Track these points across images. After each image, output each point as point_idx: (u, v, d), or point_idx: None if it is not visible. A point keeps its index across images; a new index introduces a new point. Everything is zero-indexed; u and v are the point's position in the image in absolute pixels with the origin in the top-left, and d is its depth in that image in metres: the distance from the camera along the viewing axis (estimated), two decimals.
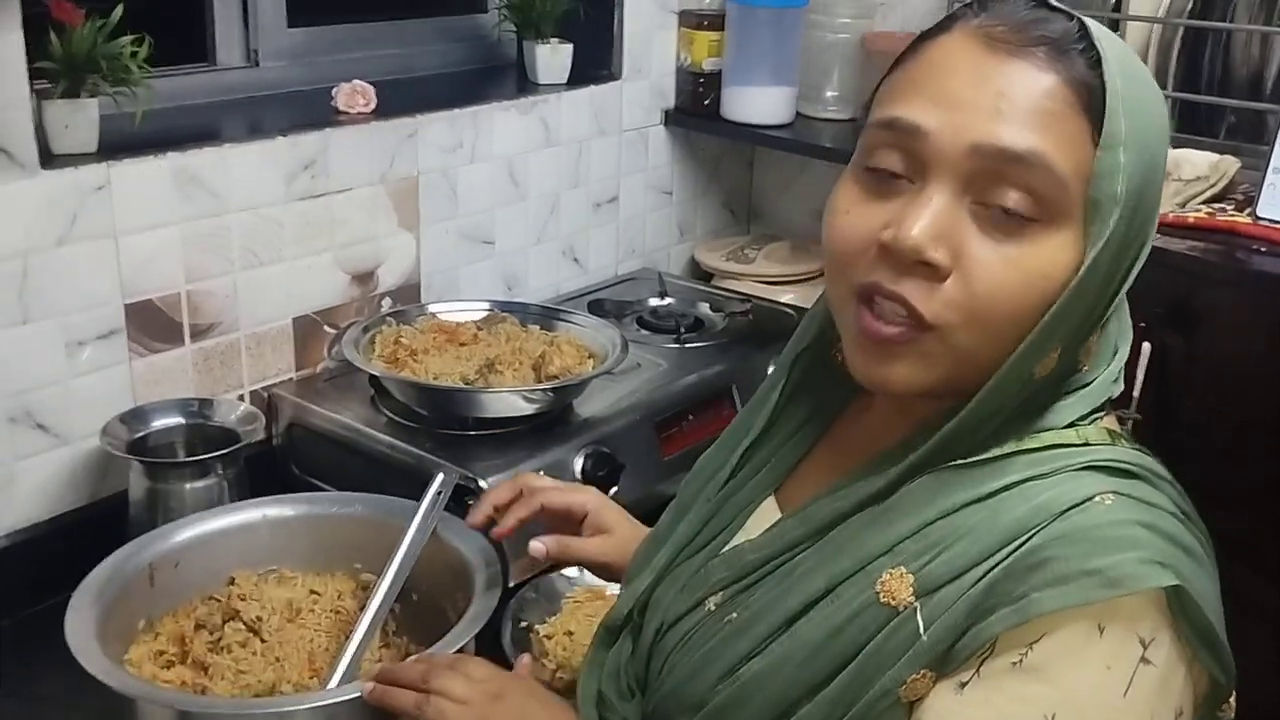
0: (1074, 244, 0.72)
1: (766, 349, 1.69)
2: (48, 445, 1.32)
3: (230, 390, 1.48)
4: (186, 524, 1.16)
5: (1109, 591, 0.68)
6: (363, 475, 1.38)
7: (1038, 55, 0.72)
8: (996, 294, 0.72)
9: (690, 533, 0.91)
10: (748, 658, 0.79)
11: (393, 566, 1.09)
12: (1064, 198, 0.71)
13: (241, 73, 1.67)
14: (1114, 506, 0.71)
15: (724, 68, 1.95)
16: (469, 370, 1.43)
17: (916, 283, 0.73)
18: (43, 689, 1.15)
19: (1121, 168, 0.71)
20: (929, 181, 0.73)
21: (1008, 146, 0.71)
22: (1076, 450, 0.76)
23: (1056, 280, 0.72)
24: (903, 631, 0.73)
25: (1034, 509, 0.72)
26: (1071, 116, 0.71)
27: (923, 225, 0.72)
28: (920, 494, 0.76)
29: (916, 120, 0.73)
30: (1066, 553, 0.69)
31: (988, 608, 0.70)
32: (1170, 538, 0.71)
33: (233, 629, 1.09)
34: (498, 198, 1.76)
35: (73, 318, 1.30)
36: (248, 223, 1.45)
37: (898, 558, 0.74)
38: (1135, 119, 0.72)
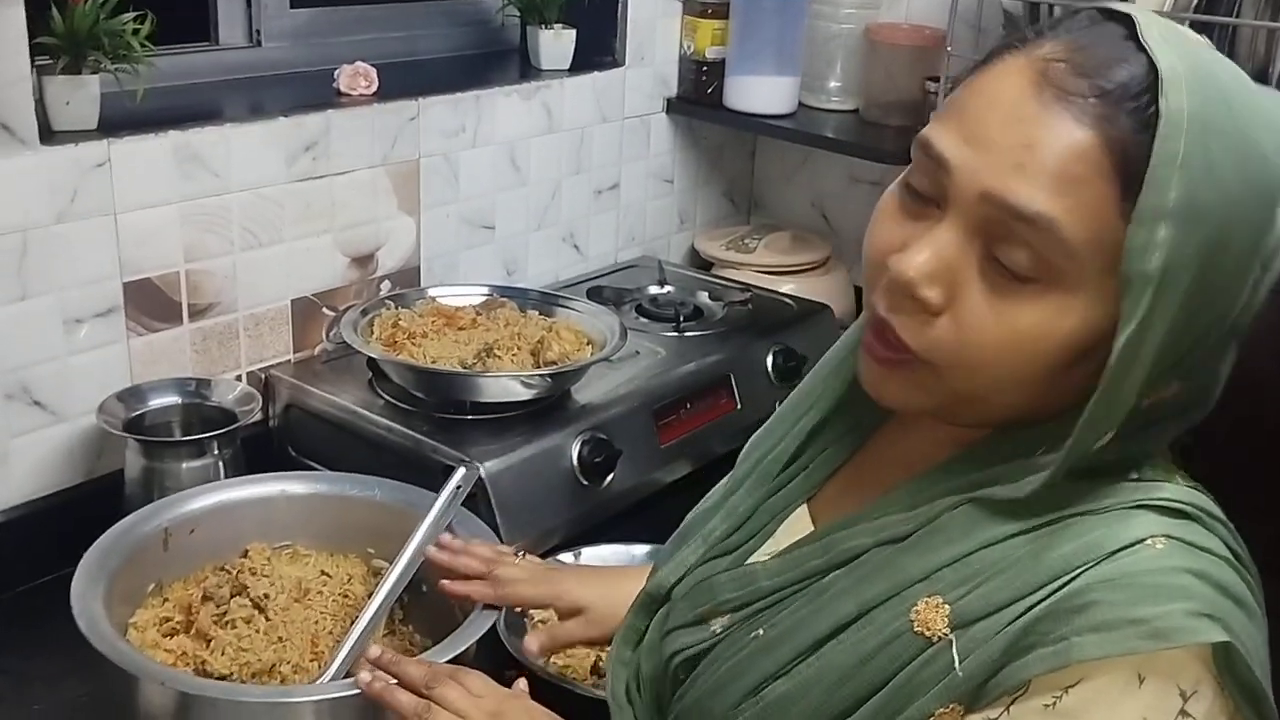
0: (1084, 310, 0.68)
1: (765, 338, 1.69)
2: (44, 422, 1.31)
3: (228, 371, 1.48)
4: (205, 491, 1.17)
5: (1154, 644, 0.65)
6: (359, 458, 1.38)
7: (1084, 107, 0.66)
8: (983, 345, 0.70)
9: (738, 520, 0.88)
10: (773, 678, 0.77)
11: (404, 556, 1.09)
12: (1072, 266, 0.67)
13: (244, 52, 1.66)
14: (1165, 551, 0.68)
15: (727, 56, 1.94)
16: (467, 354, 1.43)
17: (908, 315, 0.71)
18: (37, 666, 1.15)
19: (1160, 243, 0.64)
20: (946, 215, 0.71)
21: (1016, 205, 0.67)
22: (1130, 486, 0.72)
23: (1054, 342, 0.69)
24: (936, 664, 0.70)
25: (1081, 547, 0.69)
26: (1098, 183, 0.66)
27: (921, 261, 0.70)
28: (962, 522, 0.73)
29: (942, 151, 0.70)
30: (1112, 598, 0.66)
31: (1025, 646, 0.67)
32: (1222, 588, 0.68)
33: (239, 604, 1.09)
34: (499, 183, 1.76)
35: (71, 295, 1.30)
36: (248, 203, 1.44)
37: (934, 586, 0.72)
38: (1196, 186, 0.65)
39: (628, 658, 0.91)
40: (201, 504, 1.15)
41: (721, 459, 1.52)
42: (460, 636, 1.01)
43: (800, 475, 0.88)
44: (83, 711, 1.11)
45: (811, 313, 1.81)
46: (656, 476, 1.48)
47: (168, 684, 0.94)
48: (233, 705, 0.95)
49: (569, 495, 1.37)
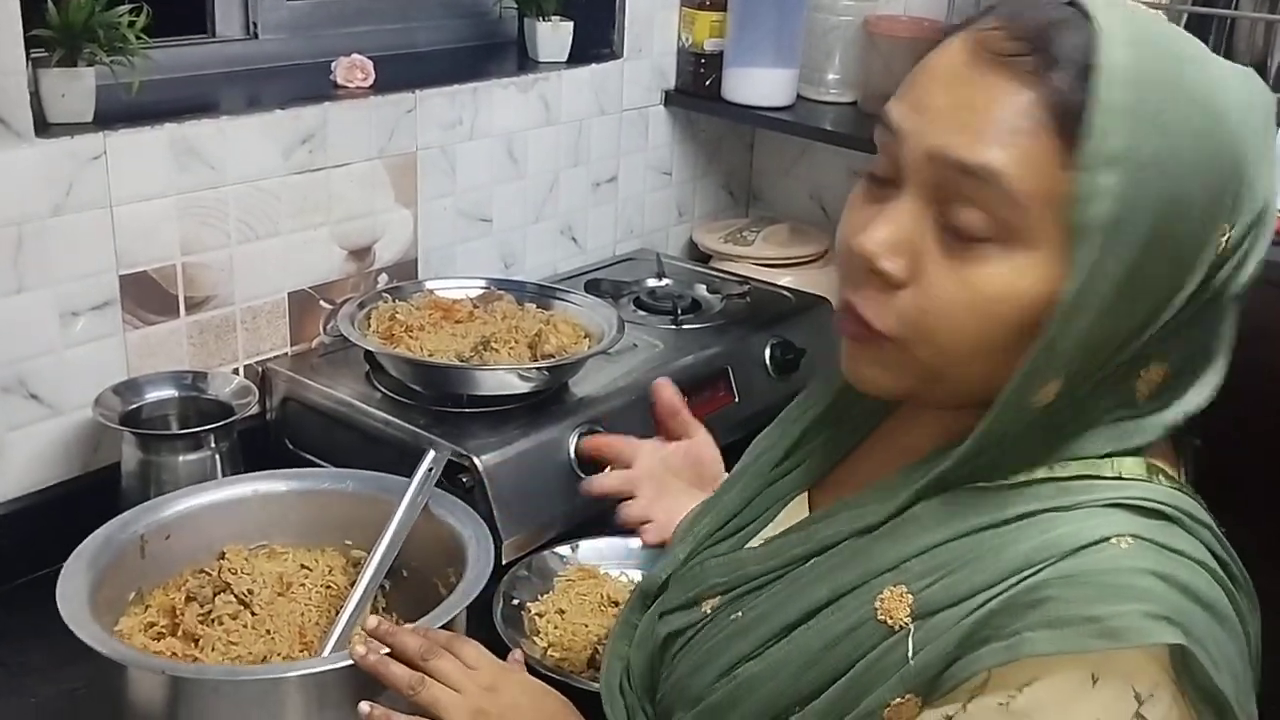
0: (1041, 269, 0.68)
1: (764, 331, 1.69)
2: (40, 415, 1.31)
3: (224, 364, 1.47)
4: (179, 496, 1.16)
5: (1105, 643, 0.64)
6: (357, 451, 1.38)
7: (1023, 68, 0.68)
8: (945, 313, 0.70)
9: (732, 509, 0.90)
10: (746, 659, 0.78)
11: (383, 542, 1.09)
12: (1023, 220, 0.67)
13: (240, 45, 1.66)
14: (1130, 551, 0.68)
15: (725, 49, 1.93)
16: (464, 347, 1.43)
17: (871, 292, 0.72)
18: (32, 659, 1.16)
19: (1107, 191, 0.65)
20: (902, 189, 0.72)
21: (960, 158, 0.68)
22: (1106, 484, 0.72)
23: (1014, 304, 0.69)
24: (896, 653, 0.71)
25: (1045, 543, 0.69)
26: (1041, 136, 0.67)
27: (879, 235, 0.71)
28: (935, 513, 0.74)
29: (892, 119, 0.73)
30: (1068, 595, 0.66)
31: (980, 639, 0.68)
32: (1187, 590, 0.67)
33: (224, 601, 1.09)
34: (496, 175, 1.75)
35: (67, 288, 1.30)
36: (244, 195, 1.44)
37: (901, 576, 0.73)
38: (1144, 137, 0.65)
39: (623, 652, 0.92)
40: (175, 509, 1.15)
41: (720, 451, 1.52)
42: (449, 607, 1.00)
43: (802, 464, 0.89)
44: (81, 702, 1.11)
45: (810, 305, 1.81)
46: None
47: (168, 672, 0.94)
48: (229, 685, 0.95)
49: (566, 488, 1.37)
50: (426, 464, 1.15)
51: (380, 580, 1.09)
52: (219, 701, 0.93)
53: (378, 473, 1.21)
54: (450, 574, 1.10)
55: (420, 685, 0.88)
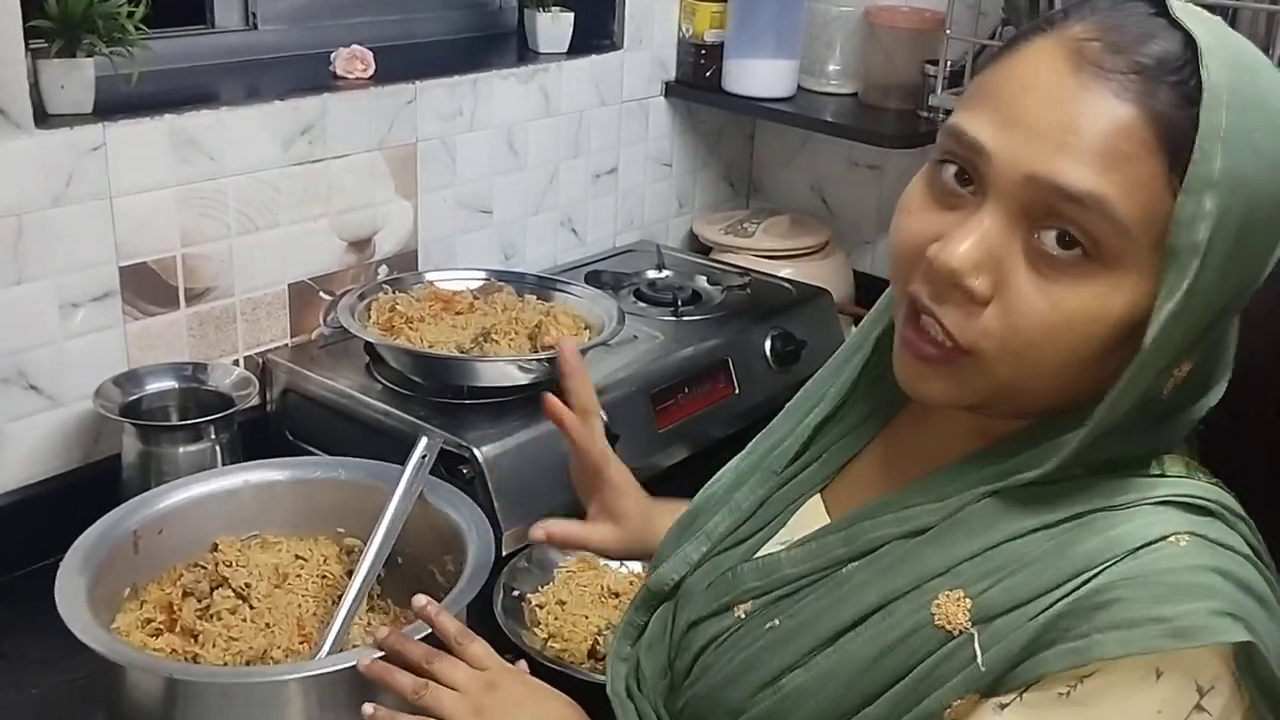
0: (1133, 289, 0.67)
1: (764, 323, 1.69)
2: (40, 407, 1.31)
3: (225, 355, 1.47)
4: (169, 490, 1.16)
5: (1175, 643, 0.64)
6: (357, 442, 1.38)
7: (1124, 84, 0.66)
8: (1034, 331, 0.68)
9: (749, 507, 0.88)
10: (791, 669, 0.76)
11: (379, 533, 1.09)
12: (1124, 244, 0.66)
13: (240, 35, 1.65)
14: (1188, 549, 0.67)
15: (726, 39, 1.93)
16: (464, 339, 1.43)
17: (954, 306, 0.70)
18: (32, 651, 1.16)
19: (1207, 214, 0.64)
20: (986, 202, 0.69)
21: (1064, 185, 0.66)
22: (1152, 481, 0.72)
23: (1105, 324, 0.68)
24: (957, 658, 0.70)
25: (1105, 543, 0.68)
26: (1145, 159, 0.65)
27: (966, 250, 0.68)
28: (985, 514, 0.73)
29: (979, 137, 0.69)
30: (1135, 595, 0.66)
31: (1047, 641, 0.67)
32: (1244, 586, 0.67)
33: (222, 596, 1.09)
34: (496, 167, 1.75)
35: (67, 279, 1.29)
36: (244, 187, 1.44)
37: (956, 580, 0.72)
38: (1238, 156, 0.65)
39: (626, 653, 0.91)
40: (167, 503, 1.14)
41: (719, 443, 1.52)
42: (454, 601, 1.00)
43: (813, 465, 0.88)
44: (80, 695, 1.11)
45: (810, 297, 1.80)
46: (654, 461, 1.48)
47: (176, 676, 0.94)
48: (230, 688, 0.95)
49: (566, 479, 1.35)
50: (420, 451, 1.15)
51: (377, 571, 1.08)
52: (222, 702, 0.93)
53: (370, 460, 1.21)
54: (447, 561, 1.10)
55: (424, 690, 0.88)
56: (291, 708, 0.94)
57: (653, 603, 0.92)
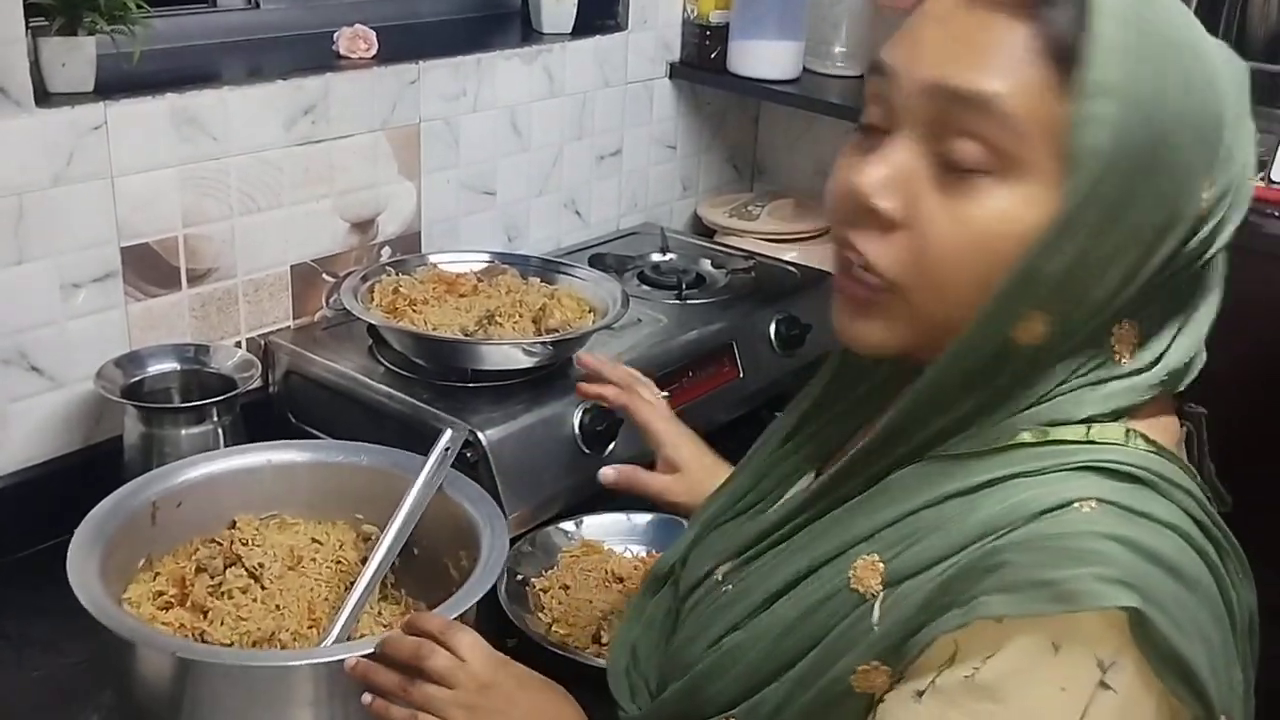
0: (1041, 201, 0.68)
1: (768, 306, 1.68)
2: (42, 388, 1.30)
3: (227, 337, 1.46)
4: (191, 463, 1.16)
5: (1058, 606, 0.63)
6: (360, 425, 1.37)
7: (1021, 6, 0.68)
8: (944, 250, 0.69)
9: (738, 493, 0.90)
10: (732, 629, 0.78)
11: (396, 521, 1.08)
12: (1023, 149, 0.67)
13: (242, 14, 1.64)
14: (1091, 515, 0.66)
15: (731, 20, 1.92)
16: (468, 321, 1.42)
17: (868, 232, 0.72)
18: (35, 633, 1.15)
19: (1106, 119, 0.66)
20: (894, 130, 0.72)
21: (958, 86, 0.68)
22: (1078, 448, 0.71)
23: (1013, 239, 0.68)
24: (864, 622, 0.71)
25: (1008, 508, 0.68)
26: (1040, 64, 0.67)
27: (872, 172, 0.71)
28: (908, 481, 0.74)
29: (884, 59, 0.72)
30: (1023, 559, 0.65)
31: (940, 605, 0.67)
32: (1151, 555, 0.65)
33: (234, 574, 1.09)
34: (500, 148, 1.74)
35: (68, 259, 1.29)
36: (246, 167, 1.43)
37: (875, 545, 0.73)
38: (1138, 70, 0.66)
39: (628, 636, 0.92)
40: (188, 476, 1.14)
41: (724, 427, 1.52)
42: (460, 598, 1.00)
43: (807, 444, 0.89)
44: (82, 677, 1.10)
45: (815, 281, 1.80)
46: None
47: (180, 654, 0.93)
48: (240, 670, 0.94)
49: (570, 463, 1.36)
50: (443, 443, 1.14)
51: (391, 560, 1.08)
52: (228, 684, 0.93)
53: (392, 448, 1.20)
54: (461, 555, 1.10)
55: (411, 685, 0.87)
56: (298, 692, 0.93)
57: (655, 586, 0.93)
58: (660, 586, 0.93)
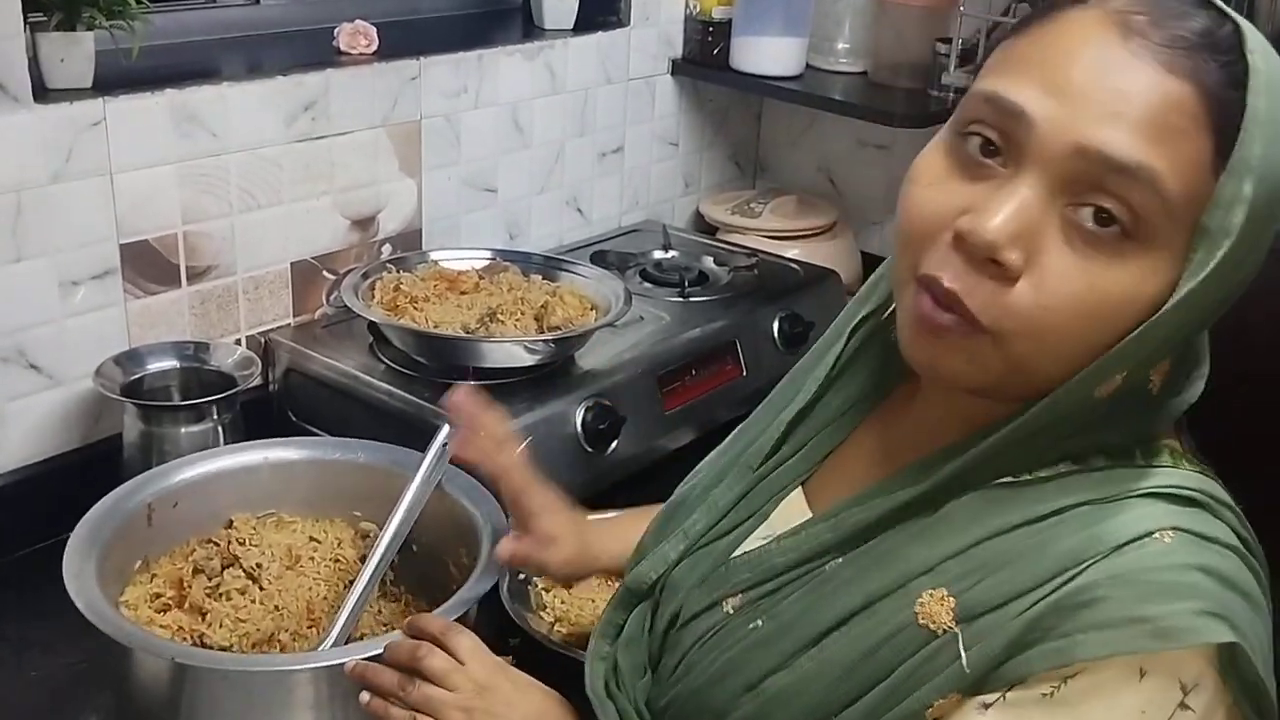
0: (1164, 270, 0.66)
1: (771, 304, 1.67)
2: (40, 386, 1.30)
3: (227, 334, 1.46)
4: (187, 463, 1.15)
5: (1158, 644, 0.63)
6: (360, 423, 1.37)
7: (1175, 56, 0.64)
8: (1065, 310, 0.66)
9: (725, 505, 0.87)
10: (772, 672, 0.75)
11: (395, 519, 1.07)
12: (1166, 221, 0.65)
13: (242, 10, 1.63)
14: (1173, 546, 0.66)
15: (734, 16, 1.91)
16: (470, 319, 1.41)
17: (980, 281, 0.67)
18: (33, 634, 1.14)
19: (1245, 198, 0.64)
20: (1022, 172, 0.66)
21: (1115, 155, 0.64)
22: (1137, 473, 0.70)
23: (1135, 307, 0.66)
24: (940, 657, 0.69)
25: (1088, 539, 0.67)
26: (1195, 135, 0.64)
27: (1003, 219, 0.65)
28: (968, 511, 0.72)
29: (1022, 104, 0.66)
30: (1119, 595, 0.64)
31: (1030, 641, 0.66)
32: (1229, 583, 0.66)
33: (232, 575, 1.08)
34: (501, 145, 1.73)
35: (67, 256, 1.28)
36: (246, 163, 1.42)
37: (939, 578, 0.70)
38: (1274, 145, 0.64)
39: (605, 652, 0.89)
40: (184, 476, 1.13)
41: (726, 426, 1.49)
42: (461, 599, 0.99)
43: (793, 458, 0.87)
44: (81, 679, 1.10)
45: (818, 278, 1.79)
46: (661, 444, 1.47)
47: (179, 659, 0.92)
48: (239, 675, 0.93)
49: (573, 462, 1.35)
50: (441, 439, 1.13)
51: (390, 558, 1.07)
52: (227, 688, 0.92)
53: (390, 445, 1.20)
54: (462, 553, 1.09)
55: (410, 685, 0.86)
56: (297, 695, 0.93)
57: (631, 601, 0.90)
58: (637, 602, 0.90)
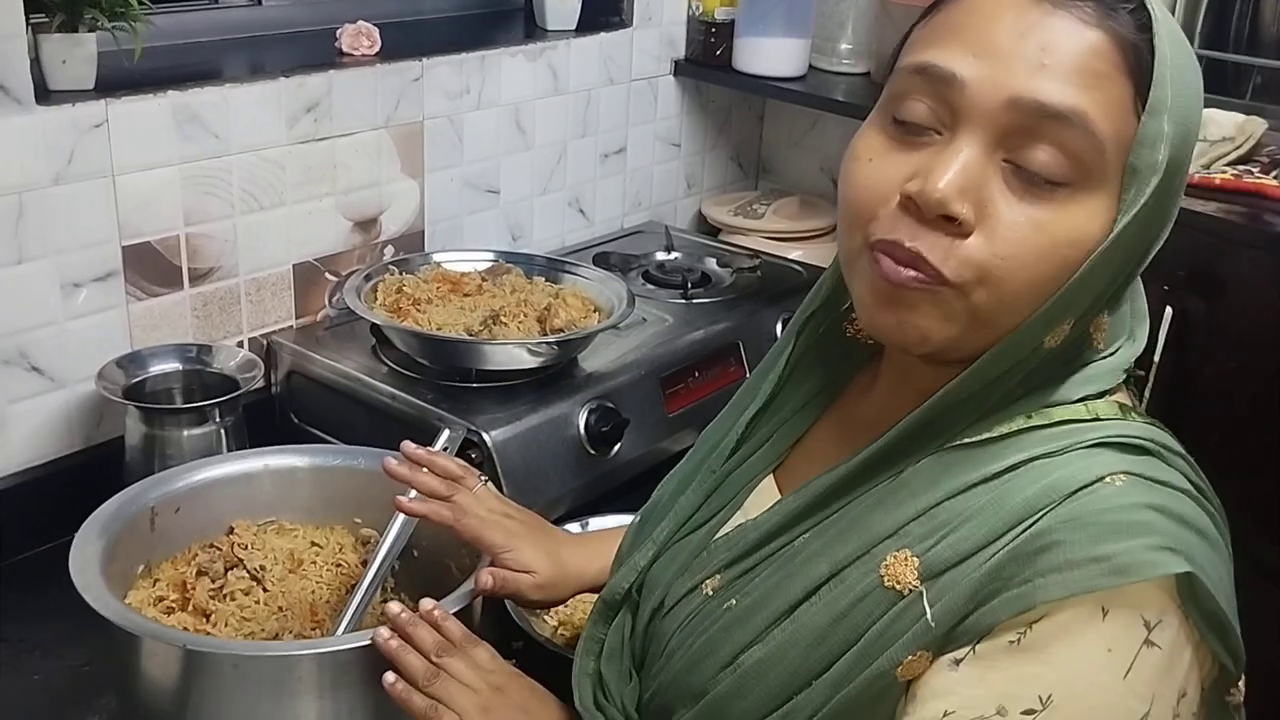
0: (1105, 212, 0.70)
1: (774, 306, 1.67)
2: (43, 388, 1.29)
3: (229, 336, 1.45)
4: (190, 469, 1.14)
5: (1116, 579, 0.66)
6: (363, 425, 1.36)
7: (1085, 10, 0.69)
8: (1018, 256, 0.69)
9: (690, 508, 0.89)
10: (748, 646, 0.77)
11: (397, 522, 1.07)
12: (1100, 162, 0.69)
13: (244, 11, 1.63)
14: (1125, 488, 0.69)
15: (736, 17, 1.90)
16: (473, 321, 1.41)
17: (937, 238, 0.70)
18: (36, 636, 1.14)
19: (1165, 136, 0.69)
20: (960, 133, 0.70)
21: (1048, 102, 0.68)
22: (1087, 426, 0.73)
23: (1082, 248, 0.69)
24: (908, 615, 0.71)
25: (1043, 489, 0.69)
26: (1117, 78, 0.69)
27: (950, 177, 0.69)
28: (927, 474, 0.74)
29: (952, 68, 0.70)
30: (1074, 537, 0.67)
31: (991, 591, 0.68)
32: (1183, 520, 0.69)
33: (236, 576, 1.08)
34: (504, 146, 1.73)
35: (69, 258, 1.27)
36: (248, 165, 1.41)
37: (903, 540, 0.73)
38: (1179, 86, 0.69)
39: (591, 668, 0.90)
40: (186, 482, 1.12)
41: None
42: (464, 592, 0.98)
43: (763, 447, 0.88)
44: (84, 680, 1.09)
45: None
46: (664, 446, 1.46)
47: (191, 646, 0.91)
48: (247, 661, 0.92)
49: (576, 464, 1.35)
50: (441, 443, 1.13)
51: (392, 561, 1.07)
52: (235, 677, 0.92)
53: (391, 451, 1.19)
54: (464, 553, 1.08)
55: (434, 678, 0.88)
56: (304, 683, 0.92)
57: (609, 614, 0.91)
58: (614, 614, 0.91)
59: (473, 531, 1.02)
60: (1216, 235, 1.28)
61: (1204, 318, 1.29)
